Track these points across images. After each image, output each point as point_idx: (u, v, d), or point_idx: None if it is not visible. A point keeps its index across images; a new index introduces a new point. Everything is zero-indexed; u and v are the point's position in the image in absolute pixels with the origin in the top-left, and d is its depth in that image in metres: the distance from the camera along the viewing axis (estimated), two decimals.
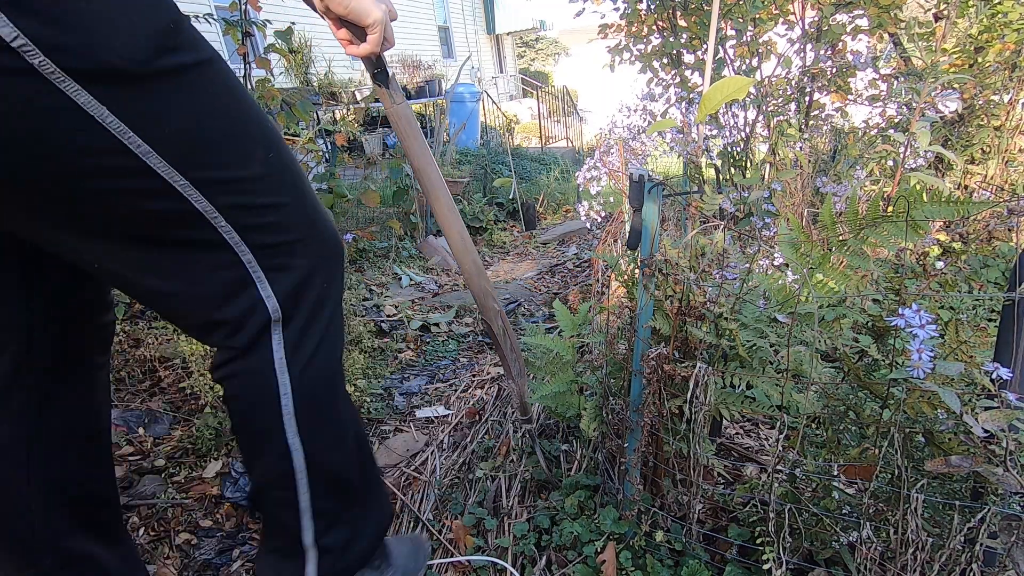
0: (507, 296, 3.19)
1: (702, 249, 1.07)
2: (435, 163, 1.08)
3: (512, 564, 1.19)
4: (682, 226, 1.93)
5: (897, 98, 1.75)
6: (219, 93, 0.68)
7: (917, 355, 0.71)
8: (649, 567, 1.07)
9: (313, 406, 0.80)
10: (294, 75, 6.90)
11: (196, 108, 0.65)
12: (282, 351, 0.76)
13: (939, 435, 0.79)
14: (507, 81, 15.53)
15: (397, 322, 2.65)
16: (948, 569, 0.78)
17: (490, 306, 1.22)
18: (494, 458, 1.56)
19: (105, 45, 0.56)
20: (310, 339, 0.79)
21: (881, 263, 1.04)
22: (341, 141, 3.30)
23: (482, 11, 14.40)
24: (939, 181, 1.66)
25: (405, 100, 1.03)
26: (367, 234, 3.59)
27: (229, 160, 0.69)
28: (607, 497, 1.25)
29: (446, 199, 1.10)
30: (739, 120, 2.40)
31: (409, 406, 1.96)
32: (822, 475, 0.92)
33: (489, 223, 4.81)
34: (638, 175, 0.92)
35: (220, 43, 6.37)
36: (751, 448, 1.49)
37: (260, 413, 0.78)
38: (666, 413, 1.04)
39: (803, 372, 0.90)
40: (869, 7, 2.19)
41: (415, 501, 1.44)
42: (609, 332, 1.20)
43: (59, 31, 0.54)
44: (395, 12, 0.93)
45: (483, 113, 8.86)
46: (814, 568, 0.93)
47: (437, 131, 5.25)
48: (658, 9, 2.63)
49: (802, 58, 2.38)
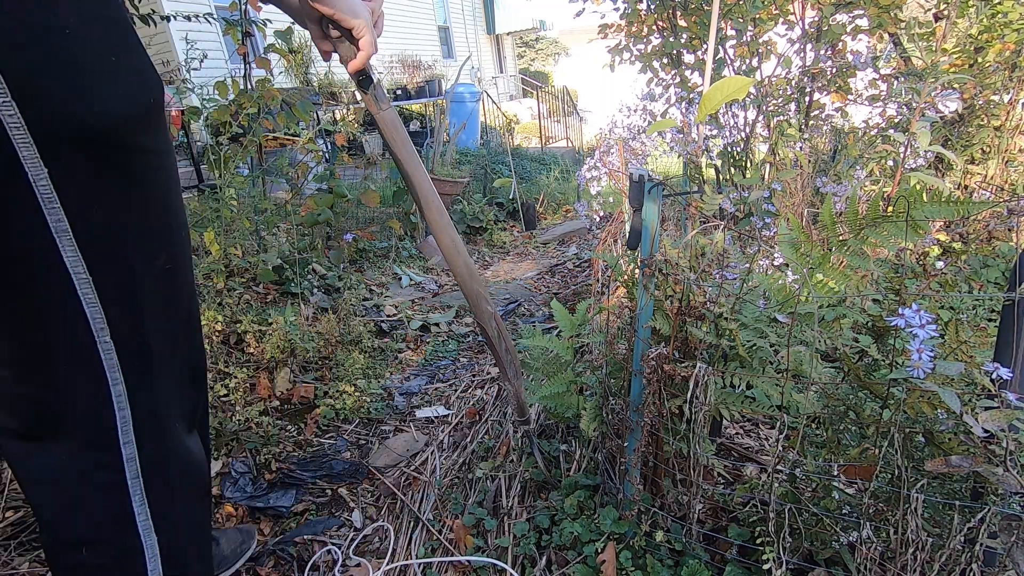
0: (507, 296, 3.19)
1: (702, 249, 1.07)
2: (423, 168, 1.08)
3: (512, 564, 1.19)
4: (682, 226, 1.93)
5: (897, 98, 1.75)
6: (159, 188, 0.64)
7: (917, 355, 0.71)
8: (649, 567, 1.07)
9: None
10: (294, 75, 6.90)
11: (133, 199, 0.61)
12: (146, 511, 0.71)
13: (939, 435, 0.79)
14: (507, 81, 15.53)
15: (397, 322, 2.65)
16: (948, 569, 0.78)
17: (484, 309, 1.22)
18: (494, 458, 1.56)
19: (86, 102, 0.53)
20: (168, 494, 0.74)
21: (881, 263, 1.04)
22: (341, 141, 3.30)
23: (482, 11, 14.40)
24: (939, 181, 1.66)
25: (391, 106, 1.03)
26: (367, 234, 3.59)
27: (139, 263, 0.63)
28: (607, 497, 1.25)
29: (436, 203, 1.10)
30: (739, 120, 2.40)
31: (409, 406, 1.96)
32: (822, 475, 0.91)
33: (489, 223, 4.81)
34: (638, 175, 0.92)
35: (220, 43, 6.38)
36: (751, 448, 1.49)
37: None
38: (666, 413, 1.04)
39: (803, 372, 0.90)
40: (869, 7, 2.19)
41: (415, 501, 1.44)
42: (609, 332, 1.20)
43: (37, 76, 0.50)
44: (380, 10, 0.92)
45: (483, 113, 8.86)
46: (814, 568, 0.93)
47: (437, 131, 5.25)
48: (658, 9, 2.63)
49: (802, 58, 2.38)
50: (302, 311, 2.27)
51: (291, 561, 1.28)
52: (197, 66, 2.86)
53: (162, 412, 0.72)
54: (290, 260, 2.58)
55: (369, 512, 1.44)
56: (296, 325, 2.13)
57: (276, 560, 1.28)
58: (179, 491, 0.77)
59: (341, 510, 1.45)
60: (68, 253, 0.56)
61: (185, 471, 0.78)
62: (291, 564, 1.27)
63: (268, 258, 2.46)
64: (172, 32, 5.79)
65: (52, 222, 0.54)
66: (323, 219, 2.98)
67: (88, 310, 0.59)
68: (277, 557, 1.29)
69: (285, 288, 2.57)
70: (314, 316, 2.35)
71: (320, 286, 2.81)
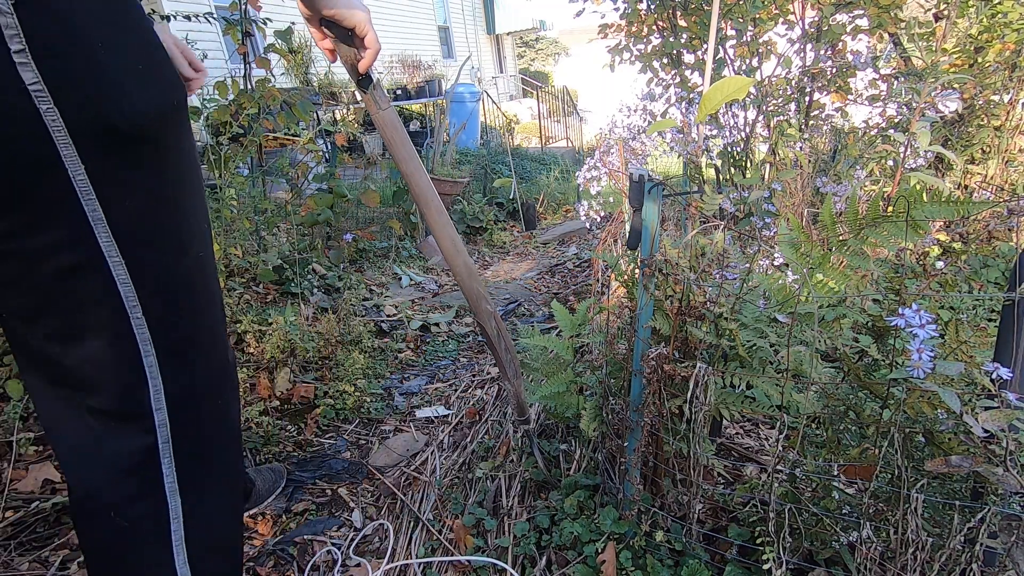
0: (507, 296, 3.19)
1: (702, 249, 1.07)
2: (423, 168, 1.08)
3: (512, 564, 1.19)
4: (682, 226, 1.93)
5: (897, 98, 1.75)
6: (184, 182, 0.71)
7: (917, 355, 0.71)
8: (649, 567, 1.07)
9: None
10: (294, 75, 6.90)
11: (161, 191, 0.68)
12: (173, 474, 0.76)
13: (939, 435, 0.79)
14: (507, 81, 15.53)
15: (397, 322, 2.65)
16: (948, 569, 0.78)
17: (483, 308, 1.22)
18: (494, 458, 1.56)
19: (116, 103, 0.60)
20: (200, 463, 0.79)
21: (881, 263, 1.04)
22: (341, 141, 3.29)
23: (482, 11, 14.39)
24: (939, 181, 1.66)
25: (391, 106, 1.03)
26: (367, 234, 3.59)
27: (168, 250, 0.71)
28: (607, 497, 1.24)
29: (436, 203, 1.10)
30: (739, 120, 2.40)
31: (409, 406, 1.96)
32: (822, 475, 0.91)
33: (489, 223, 4.81)
34: (638, 175, 0.92)
35: (220, 43, 6.38)
36: (751, 448, 1.49)
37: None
38: (666, 413, 1.04)
39: (803, 372, 0.90)
40: (869, 7, 2.19)
41: (415, 501, 1.44)
42: (609, 332, 1.20)
43: (76, 82, 0.57)
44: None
45: (483, 113, 8.86)
46: (814, 568, 0.93)
47: (437, 131, 5.25)
48: (658, 9, 2.63)
49: (802, 58, 2.38)
50: (302, 311, 2.27)
51: (291, 561, 1.28)
52: None
53: (197, 387, 0.78)
54: (290, 260, 2.58)
55: (369, 512, 1.44)
56: (296, 325, 2.13)
57: (276, 560, 1.28)
58: (208, 460, 0.82)
59: (341, 510, 1.45)
60: (103, 239, 0.63)
61: (214, 443, 0.83)
62: (291, 564, 1.27)
63: (268, 258, 2.46)
64: (172, 32, 5.78)
65: (89, 212, 0.61)
66: (323, 219, 2.98)
67: (121, 289, 0.66)
68: (277, 557, 1.29)
69: (285, 288, 2.57)
70: (314, 316, 2.35)
71: (320, 286, 2.81)
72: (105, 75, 0.59)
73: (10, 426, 1.55)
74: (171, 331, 0.73)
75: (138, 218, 0.66)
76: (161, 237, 0.70)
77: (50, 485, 1.43)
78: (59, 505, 1.34)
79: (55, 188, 0.59)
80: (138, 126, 0.62)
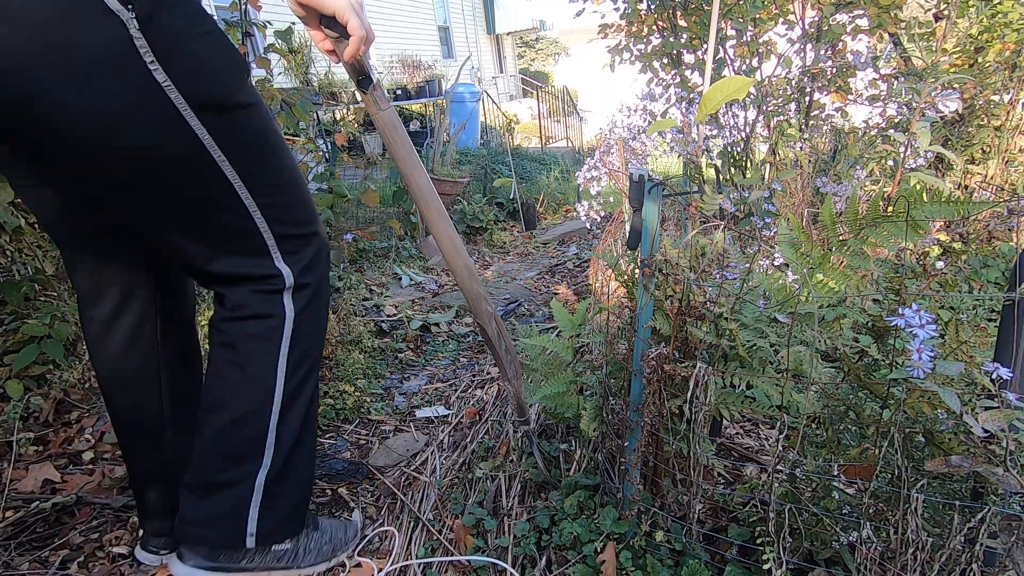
0: (507, 296, 3.19)
1: (702, 249, 1.07)
2: (423, 168, 1.08)
3: (512, 564, 1.19)
4: (682, 226, 1.93)
5: (897, 98, 1.75)
6: (266, 122, 0.96)
7: (917, 355, 0.71)
8: (649, 567, 1.07)
9: (298, 361, 1.04)
10: (294, 75, 6.89)
11: (255, 132, 0.93)
12: (291, 306, 1.02)
13: (939, 435, 0.79)
14: (507, 81, 15.53)
15: (397, 322, 2.65)
16: (948, 569, 0.78)
17: (483, 309, 1.22)
18: (494, 458, 1.56)
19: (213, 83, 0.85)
20: (308, 309, 1.04)
21: (881, 263, 1.04)
22: (341, 141, 3.30)
23: (482, 11, 14.39)
24: (939, 181, 1.66)
25: (391, 106, 1.03)
26: (367, 234, 3.59)
27: (270, 169, 0.96)
28: (607, 497, 1.25)
29: (436, 203, 1.10)
30: (739, 120, 2.40)
31: (409, 406, 1.96)
32: (822, 475, 0.92)
33: (489, 223, 4.81)
34: (638, 175, 0.92)
35: None
36: (751, 448, 1.49)
37: (262, 350, 1.00)
38: (666, 413, 1.04)
39: (803, 372, 0.90)
40: (869, 7, 2.19)
41: (415, 501, 1.44)
42: (609, 332, 1.20)
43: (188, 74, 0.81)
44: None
45: (483, 113, 8.86)
46: (814, 568, 0.93)
47: (437, 131, 5.25)
48: (658, 9, 2.63)
49: (802, 58, 2.38)
50: None
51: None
52: None
53: (308, 271, 1.04)
54: None
55: (369, 512, 1.43)
56: None
57: None
58: (316, 343, 1.09)
59: (341, 510, 1.45)
60: (227, 170, 0.89)
61: (321, 326, 1.11)
62: None
63: None
64: None
65: (215, 156, 0.87)
66: (323, 219, 2.97)
67: (245, 201, 0.93)
68: None
69: None
70: None
71: None
72: (204, 67, 0.83)
73: (10, 426, 1.55)
74: (287, 227, 1.00)
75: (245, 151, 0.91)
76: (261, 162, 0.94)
77: (50, 485, 1.43)
78: (59, 505, 1.34)
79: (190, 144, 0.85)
80: (228, 95, 0.87)
